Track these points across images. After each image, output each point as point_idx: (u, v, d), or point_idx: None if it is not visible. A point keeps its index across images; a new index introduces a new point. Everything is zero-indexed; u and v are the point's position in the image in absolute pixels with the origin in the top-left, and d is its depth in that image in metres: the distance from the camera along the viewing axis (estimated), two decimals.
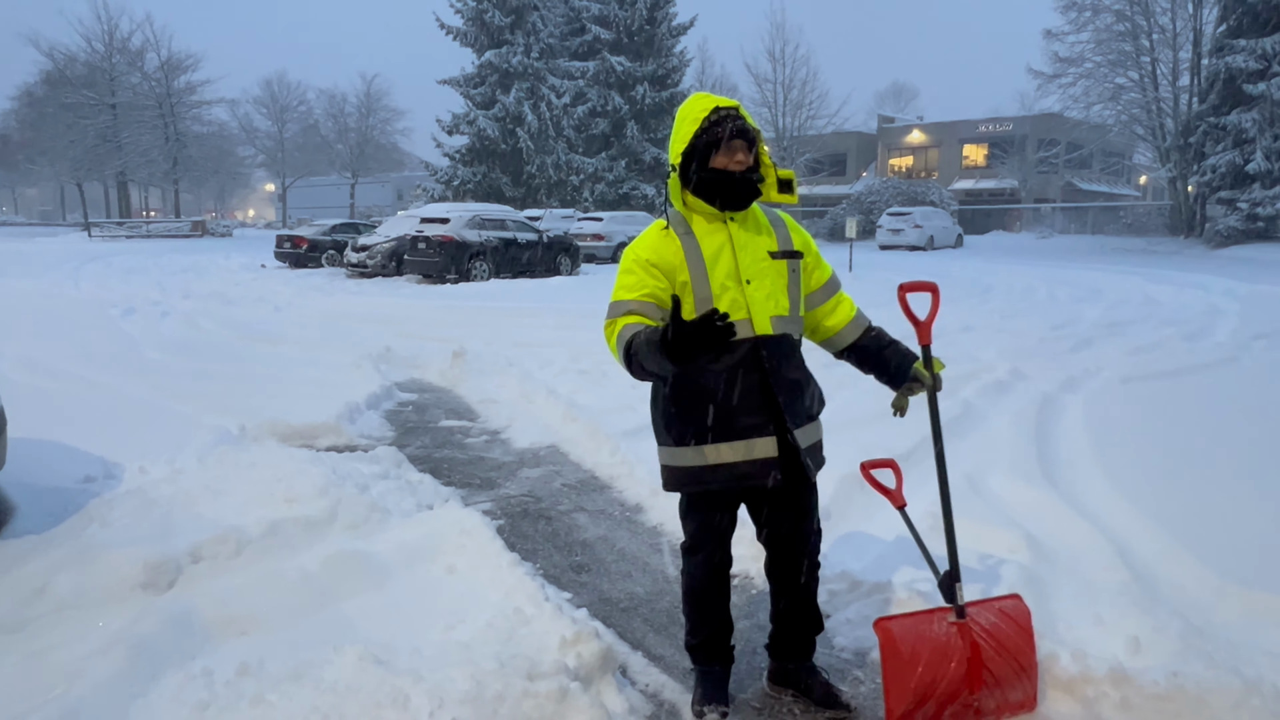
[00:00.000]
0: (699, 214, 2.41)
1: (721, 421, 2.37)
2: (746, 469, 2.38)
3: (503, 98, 35.27)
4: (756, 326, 2.37)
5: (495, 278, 18.84)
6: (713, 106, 2.33)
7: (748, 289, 2.37)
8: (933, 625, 2.45)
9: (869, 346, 2.60)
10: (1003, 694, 2.48)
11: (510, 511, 4.40)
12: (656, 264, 2.35)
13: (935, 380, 2.52)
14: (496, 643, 2.63)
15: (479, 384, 7.33)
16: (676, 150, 2.37)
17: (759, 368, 2.37)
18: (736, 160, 2.33)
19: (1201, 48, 31.46)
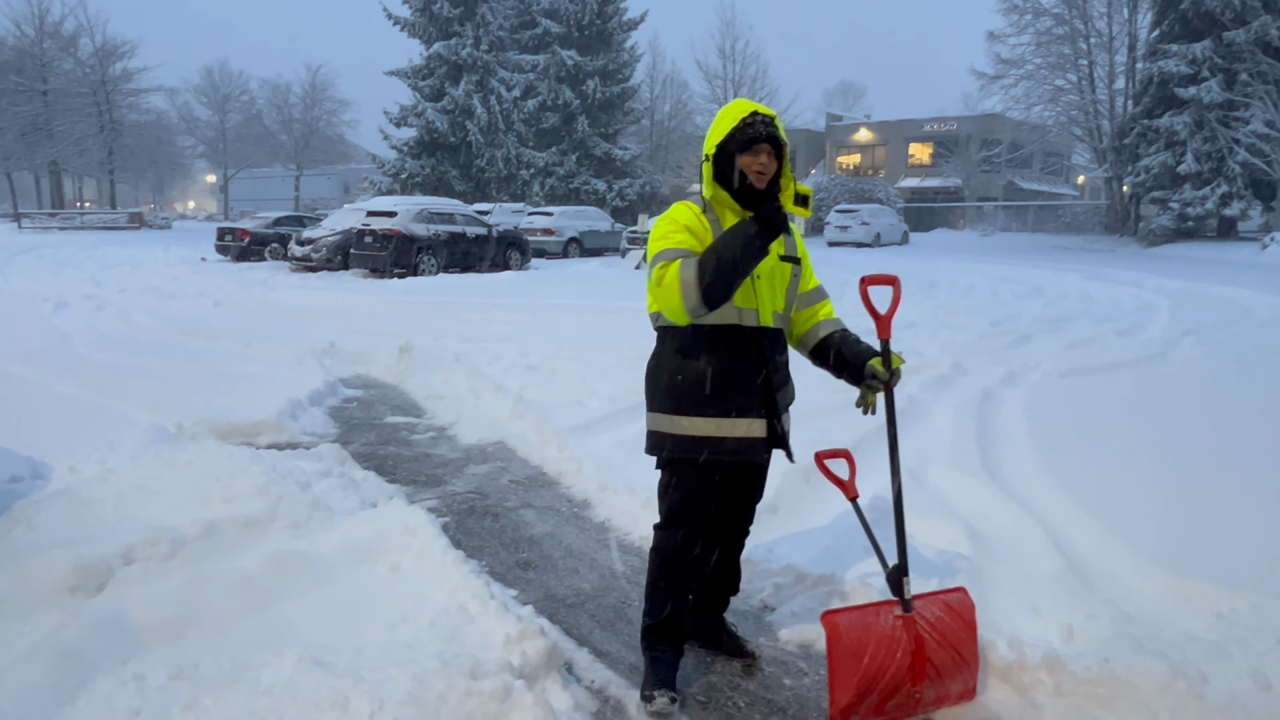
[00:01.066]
0: (726, 207, 2.57)
1: (722, 398, 2.53)
2: (737, 445, 2.55)
3: (452, 90, 34.88)
4: (762, 318, 2.57)
5: (443, 272, 18.63)
6: (751, 110, 2.50)
7: (758, 284, 2.55)
8: (879, 618, 2.49)
9: (830, 347, 2.72)
10: (944, 685, 2.53)
11: (456, 509, 4.35)
12: (694, 229, 2.51)
13: (893, 375, 2.57)
14: (440, 642, 2.60)
15: (426, 380, 7.24)
16: (712, 143, 2.53)
17: (759, 356, 2.56)
18: (760, 162, 2.46)
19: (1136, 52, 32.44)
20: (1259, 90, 27.12)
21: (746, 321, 2.55)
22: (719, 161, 2.52)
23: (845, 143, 51.02)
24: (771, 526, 3.88)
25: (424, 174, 35.40)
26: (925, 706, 2.54)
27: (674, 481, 2.65)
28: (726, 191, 2.52)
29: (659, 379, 2.62)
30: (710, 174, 2.54)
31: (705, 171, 2.56)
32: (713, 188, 2.55)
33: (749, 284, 2.53)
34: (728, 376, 2.53)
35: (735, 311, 2.54)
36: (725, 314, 2.52)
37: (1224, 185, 27.89)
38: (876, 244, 32.32)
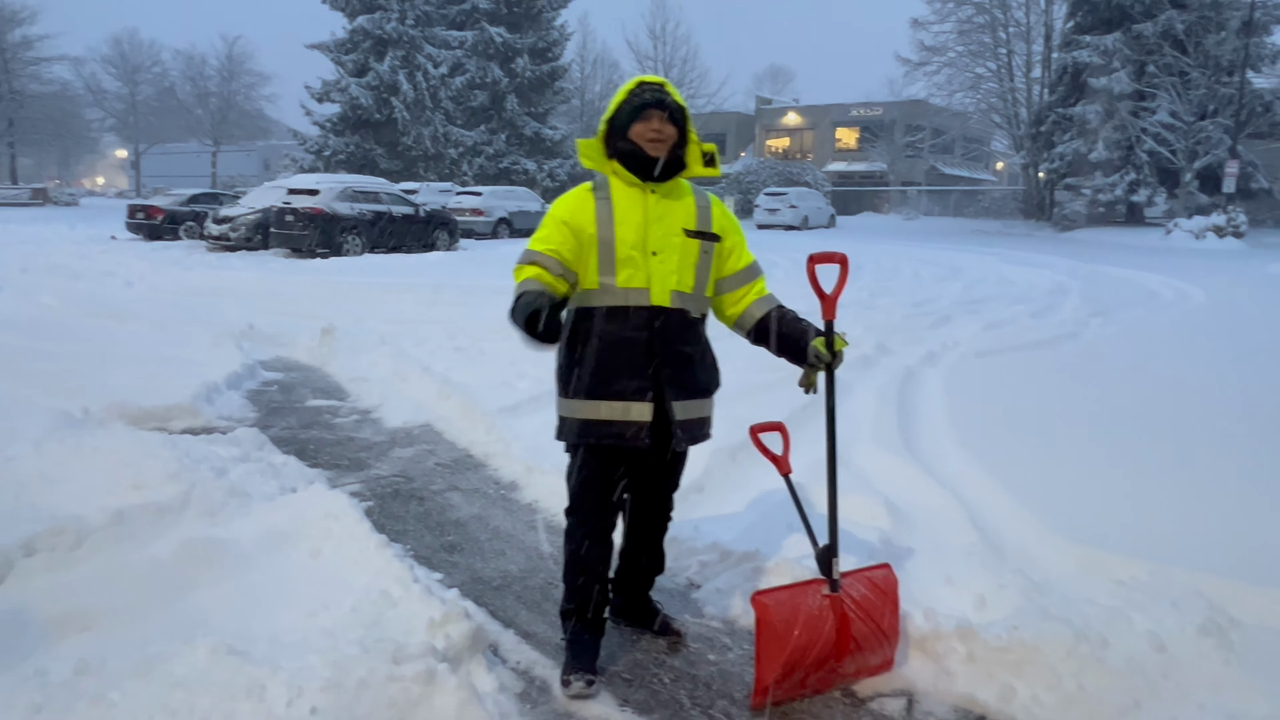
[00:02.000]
0: (620, 179, 2.51)
1: (605, 381, 2.47)
2: (621, 429, 2.48)
3: (376, 65, 34.01)
4: (654, 298, 2.47)
5: (369, 253, 18.21)
6: (640, 81, 2.47)
7: (653, 260, 2.46)
8: (807, 598, 2.50)
9: (771, 327, 2.64)
10: (864, 658, 2.59)
11: (380, 493, 4.28)
12: (568, 221, 2.47)
13: (835, 357, 2.51)
14: (361, 627, 2.56)
15: (349, 362, 7.08)
16: (605, 119, 2.50)
17: (649, 336, 2.47)
18: (653, 129, 2.42)
19: (1052, 42, 33.49)
20: (1165, 82, 28.30)
21: (634, 301, 2.47)
22: (611, 137, 2.50)
23: (774, 126, 51.49)
24: (698, 505, 3.92)
25: (348, 151, 34.50)
26: (845, 679, 2.60)
27: (574, 467, 2.63)
28: (619, 162, 2.49)
29: (557, 361, 2.61)
30: (603, 150, 2.52)
31: (594, 146, 2.54)
32: (607, 164, 2.52)
33: (641, 258, 2.46)
34: (613, 359, 2.47)
35: (620, 292, 2.47)
36: (609, 294, 2.47)
37: (1132, 173, 29.10)
38: (804, 227, 32.78)
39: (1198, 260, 18.58)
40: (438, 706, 2.27)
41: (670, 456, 2.64)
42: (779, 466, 2.74)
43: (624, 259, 2.46)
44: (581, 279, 2.50)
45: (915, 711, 2.50)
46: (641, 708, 2.50)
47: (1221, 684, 2.46)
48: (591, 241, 2.47)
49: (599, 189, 2.53)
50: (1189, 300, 11.57)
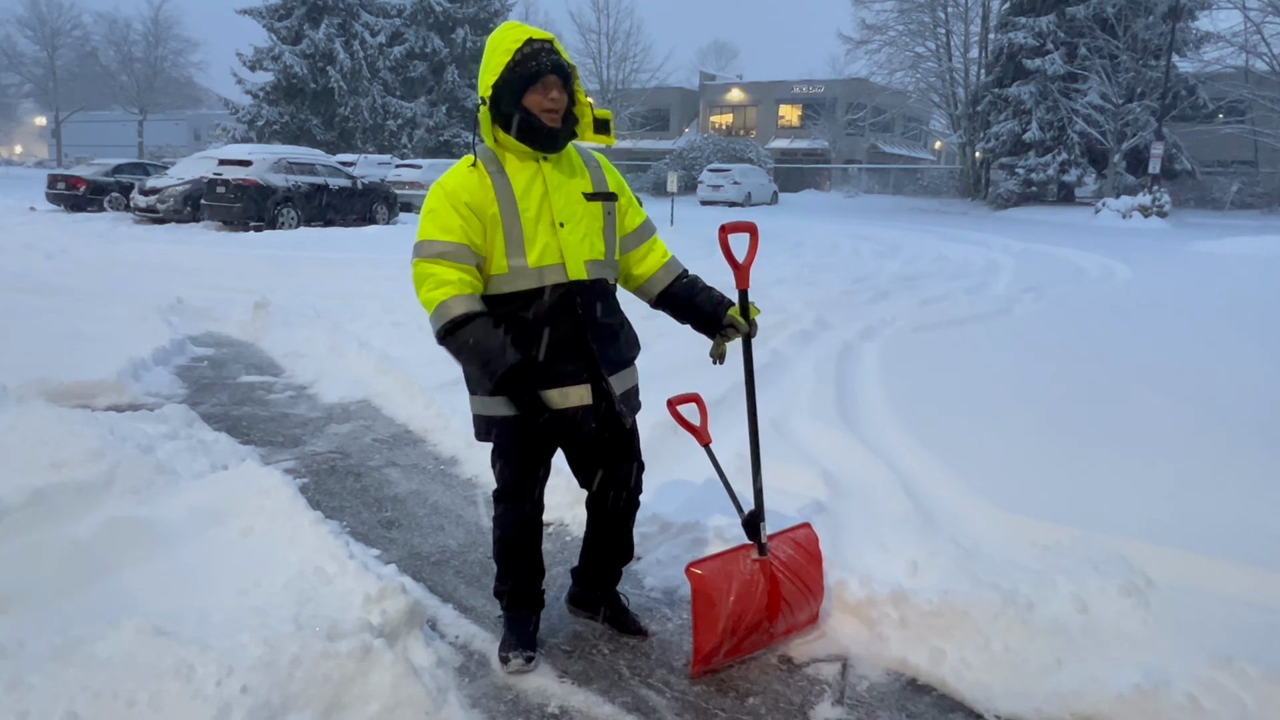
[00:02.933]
0: (511, 152, 2.30)
1: (542, 368, 2.30)
2: (565, 416, 2.34)
3: (311, 33, 33.01)
4: (570, 272, 2.30)
5: (304, 226, 17.74)
6: (525, 38, 2.19)
7: (561, 232, 2.29)
8: (738, 564, 2.52)
9: (680, 294, 2.54)
10: (794, 616, 2.66)
11: (316, 469, 4.19)
12: (468, 203, 2.24)
13: (750, 326, 2.45)
14: (294, 605, 2.51)
15: (284, 337, 6.91)
16: (486, 82, 2.22)
17: (573, 314, 2.31)
18: (550, 98, 2.21)
19: (989, 23, 34.03)
20: (1096, 64, 29.02)
21: (550, 280, 2.28)
22: (498, 103, 2.23)
23: (718, 102, 51.48)
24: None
25: (283, 121, 33.51)
26: (776, 638, 2.65)
27: (498, 458, 2.50)
28: (511, 134, 2.25)
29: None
30: (489, 120, 2.26)
31: (483, 117, 2.27)
32: (494, 133, 2.28)
33: (550, 232, 2.28)
34: (539, 345, 2.30)
35: (534, 273, 2.27)
36: (522, 277, 2.27)
37: (1064, 153, 29.85)
38: (748, 203, 32.94)
39: (1124, 239, 19.18)
40: (373, 682, 2.24)
41: (619, 433, 2.52)
42: (698, 437, 2.72)
43: (532, 236, 2.26)
44: (487, 265, 2.29)
45: (849, 675, 2.55)
46: (580, 679, 2.50)
47: (1139, 642, 2.56)
48: (494, 222, 2.25)
49: (489, 163, 2.29)
50: (1115, 277, 11.95)
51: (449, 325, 2.19)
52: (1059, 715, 2.34)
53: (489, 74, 2.22)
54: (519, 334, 2.29)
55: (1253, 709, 2.23)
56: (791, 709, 2.39)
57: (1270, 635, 2.57)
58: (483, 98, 2.25)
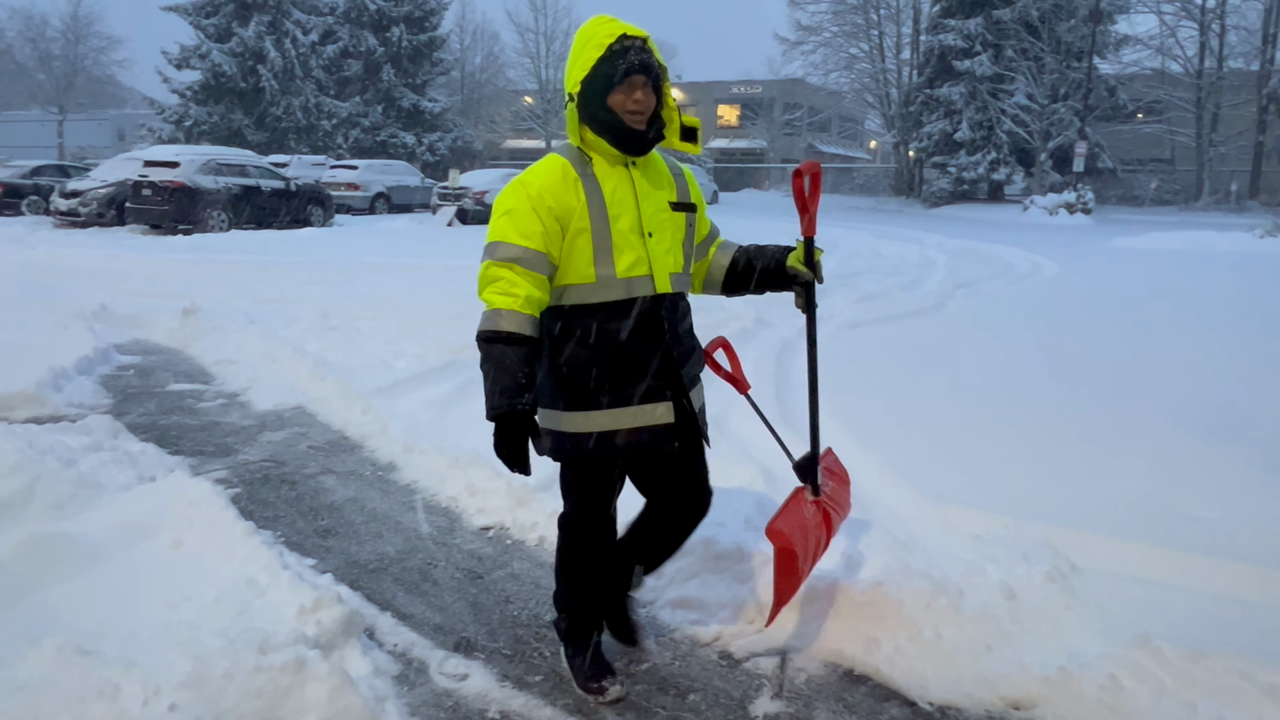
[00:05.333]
0: (599, 154, 2.17)
1: (618, 385, 2.17)
2: (643, 436, 2.19)
3: (240, 30, 32.19)
4: (658, 284, 2.17)
5: (236, 229, 17.30)
6: (619, 33, 2.07)
7: (650, 242, 2.16)
8: (803, 511, 2.41)
9: (742, 264, 2.44)
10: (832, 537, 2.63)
11: (249, 478, 4.09)
12: (553, 206, 2.09)
13: (815, 271, 2.32)
14: (226, 618, 2.45)
15: (215, 343, 6.73)
16: (574, 78, 2.10)
17: (658, 329, 2.18)
18: (635, 99, 2.09)
19: (920, 25, 34.79)
20: (1022, 66, 29.90)
21: (638, 291, 2.15)
22: (586, 100, 2.11)
23: None
24: None
25: (212, 122, 32.61)
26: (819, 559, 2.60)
27: (571, 483, 2.34)
28: (599, 134, 2.13)
29: (543, 369, 2.24)
30: (577, 118, 2.14)
31: (570, 114, 2.14)
32: (581, 132, 2.15)
33: (639, 242, 2.14)
34: (621, 359, 2.16)
35: (622, 284, 2.14)
36: (610, 287, 2.13)
37: (993, 152, 30.69)
38: None
39: (1051, 235, 19.80)
40: (309, 695, 2.20)
41: (696, 452, 2.40)
42: (737, 386, 2.59)
43: (621, 245, 2.12)
44: (566, 272, 2.14)
45: (788, 668, 2.59)
46: (521, 682, 2.49)
47: (1063, 626, 2.65)
48: (582, 229, 2.11)
49: (579, 165, 2.15)
50: (1043, 272, 12.32)
51: (491, 334, 2.05)
52: (989, 700, 2.41)
53: (577, 69, 2.09)
54: (604, 345, 2.16)
55: (1170, 686, 2.32)
56: (732, 704, 2.42)
57: (1186, 614, 2.69)
58: (570, 94, 2.12)
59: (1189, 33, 33.07)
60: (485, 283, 2.10)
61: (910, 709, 2.40)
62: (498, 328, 2.05)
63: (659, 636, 2.76)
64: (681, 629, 2.80)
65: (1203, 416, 4.69)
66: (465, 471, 3.93)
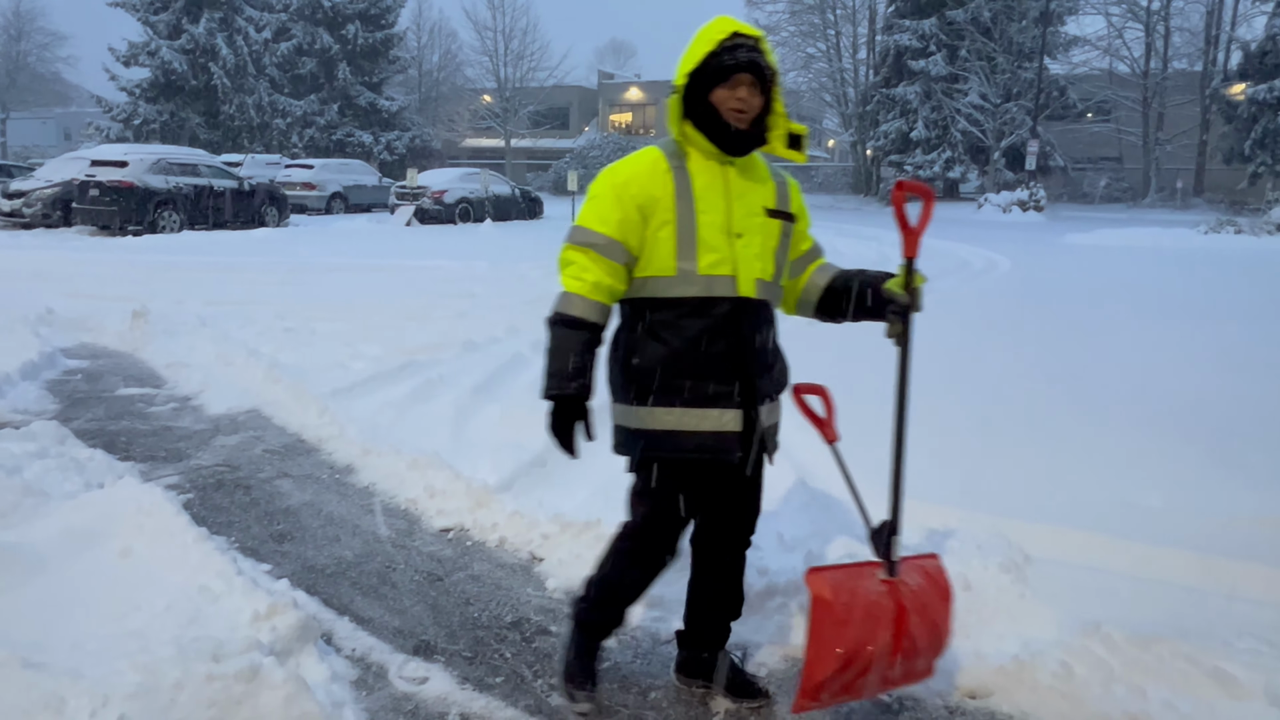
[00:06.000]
0: (697, 148, 2.12)
1: (690, 385, 2.10)
2: (707, 440, 2.11)
3: (190, 27, 31.53)
4: (740, 288, 2.11)
5: (188, 229, 16.96)
6: (732, 31, 2.05)
7: (737, 244, 2.10)
8: (864, 581, 2.09)
9: (838, 291, 2.33)
10: (915, 660, 2.14)
11: (201, 484, 4.01)
12: (637, 195, 2.07)
13: (913, 298, 2.15)
14: (177, 627, 2.39)
15: (166, 346, 6.58)
16: (682, 70, 2.08)
17: (736, 333, 2.11)
18: (738, 97, 2.05)
19: (876, 25, 35.20)
20: (975, 66, 30.40)
21: (718, 291, 2.09)
22: (691, 95, 2.08)
23: (617, 101, 51.64)
24: (541, 479, 3.92)
25: (162, 120, 31.89)
26: (890, 684, 2.17)
27: (643, 488, 2.22)
28: (698, 129, 2.09)
29: (614, 361, 2.19)
30: (679, 110, 2.10)
31: (673, 106, 2.10)
32: (681, 126, 2.11)
33: (725, 242, 2.09)
34: (693, 359, 2.09)
35: (703, 280, 2.08)
36: (690, 282, 2.07)
37: (948, 150, 31.16)
38: None
39: (1005, 231, 20.16)
40: (264, 703, 2.16)
41: (756, 470, 2.29)
42: (824, 433, 2.37)
43: (707, 242, 2.07)
44: (647, 263, 2.10)
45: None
46: (481, 684, 2.48)
47: (1017, 615, 2.70)
48: (666, 221, 2.07)
49: (673, 157, 2.12)
50: (997, 269, 12.54)
51: (557, 316, 2.07)
52: (945, 690, 2.44)
53: (687, 62, 2.08)
54: (677, 341, 2.09)
55: (1120, 672, 2.38)
56: (693, 701, 2.42)
57: (1134, 600, 2.75)
58: (675, 86, 2.10)
59: (1135, 34, 33.95)
60: (562, 265, 2.12)
61: (869, 700, 2.42)
62: (564, 310, 2.07)
63: (620, 635, 2.75)
64: (643, 626, 2.80)
65: (1151, 408, 4.81)
66: (424, 473, 3.89)
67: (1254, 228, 17.70)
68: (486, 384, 5.36)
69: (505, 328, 7.12)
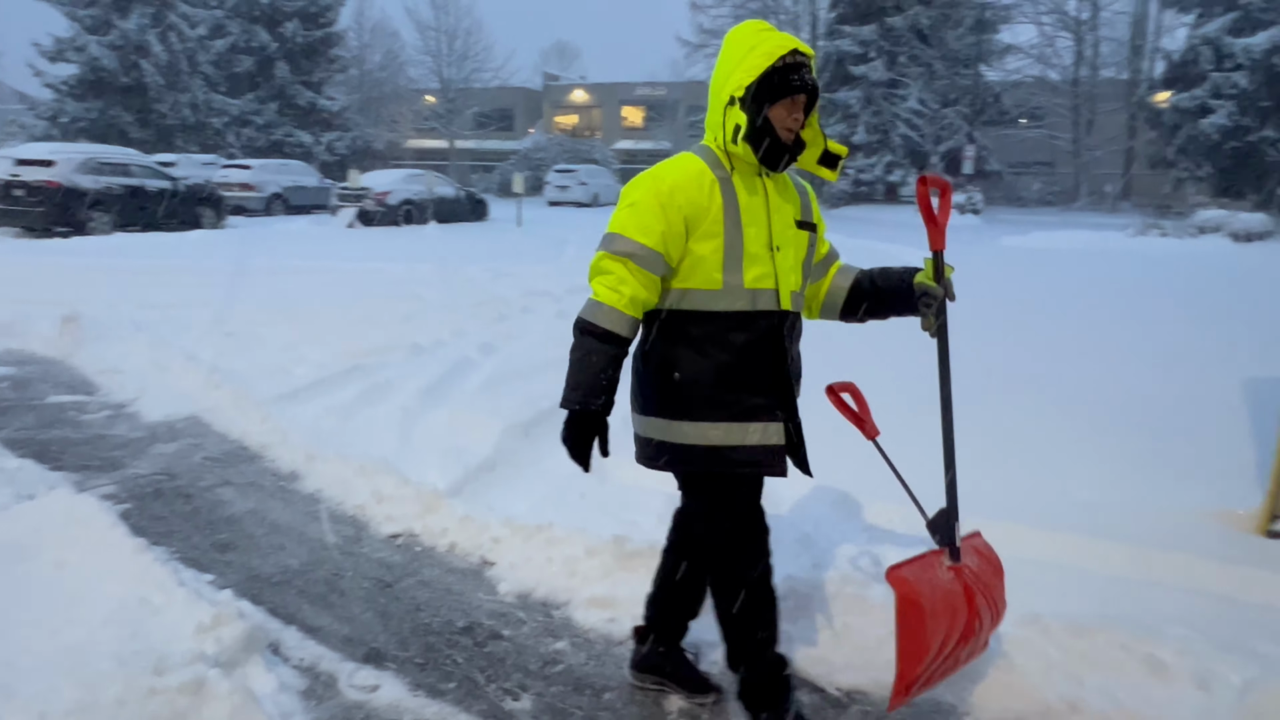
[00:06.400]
0: (743, 161, 2.09)
1: (732, 400, 2.07)
2: (756, 454, 2.09)
3: (121, 23, 30.54)
4: (781, 300, 2.12)
5: (120, 231, 16.42)
6: (791, 48, 2.00)
7: (777, 256, 2.10)
8: (936, 571, 2.13)
9: (866, 289, 2.35)
10: (977, 641, 2.21)
11: (139, 493, 3.90)
12: (684, 206, 2.01)
13: (946, 288, 2.21)
14: (117, 641, 2.33)
15: (99, 352, 6.37)
16: (738, 82, 2.01)
17: (777, 345, 2.12)
18: (794, 116, 2.05)
19: (817, 31, 35.72)
20: (914, 72, 31.04)
21: (761, 304, 2.08)
22: (745, 107, 2.02)
23: (562, 103, 51.52)
24: (491, 484, 3.90)
25: (90, 118, 30.82)
26: (960, 665, 2.23)
27: (714, 504, 2.16)
28: (745, 141, 2.04)
29: (649, 374, 2.12)
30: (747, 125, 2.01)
31: (733, 119, 2.03)
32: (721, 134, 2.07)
33: (767, 256, 2.08)
34: (738, 372, 2.07)
35: (748, 294, 2.06)
36: (736, 296, 2.05)
37: (889, 155, 31.75)
38: (595, 203, 33.16)
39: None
40: (210, 715, 2.12)
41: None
42: (864, 429, 2.41)
43: (752, 255, 2.06)
44: (689, 275, 2.05)
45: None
46: (434, 691, 2.46)
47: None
48: (713, 234, 2.03)
49: (717, 169, 2.07)
50: None
51: (588, 326, 1.98)
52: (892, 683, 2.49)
53: (743, 73, 2.01)
54: (724, 355, 2.06)
55: (1057, 660, 2.46)
56: (647, 700, 2.44)
57: (1071, 591, 2.85)
58: (733, 96, 2.03)
59: (1066, 43, 35.03)
60: (595, 272, 2.04)
61: (819, 695, 2.47)
62: (596, 321, 1.98)
63: (574, 637, 2.76)
64: (596, 628, 2.80)
65: (1085, 405, 4.97)
66: (372, 479, 3.84)
67: (1178, 231, 18.38)
68: (434, 387, 5.31)
69: (452, 331, 7.05)
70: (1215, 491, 3.61)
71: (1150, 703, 2.31)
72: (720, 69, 2.08)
